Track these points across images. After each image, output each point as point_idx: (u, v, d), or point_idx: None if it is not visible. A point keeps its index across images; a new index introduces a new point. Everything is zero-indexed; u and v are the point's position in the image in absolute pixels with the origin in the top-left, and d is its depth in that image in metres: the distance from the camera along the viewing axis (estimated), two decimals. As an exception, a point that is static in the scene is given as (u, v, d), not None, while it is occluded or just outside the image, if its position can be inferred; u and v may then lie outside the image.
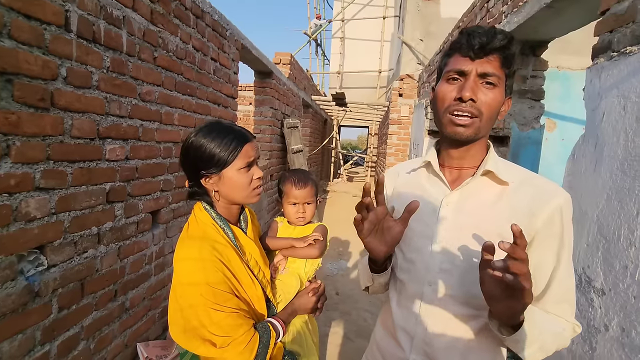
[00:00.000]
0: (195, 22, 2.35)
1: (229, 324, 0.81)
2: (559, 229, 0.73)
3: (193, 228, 0.90)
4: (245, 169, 0.91)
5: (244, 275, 0.90)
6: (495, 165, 0.77)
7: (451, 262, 0.77)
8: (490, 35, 0.71)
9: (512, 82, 0.78)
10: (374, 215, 0.73)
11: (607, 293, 1.28)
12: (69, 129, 1.40)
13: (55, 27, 1.31)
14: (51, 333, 1.37)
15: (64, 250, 1.42)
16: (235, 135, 0.90)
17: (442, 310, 0.78)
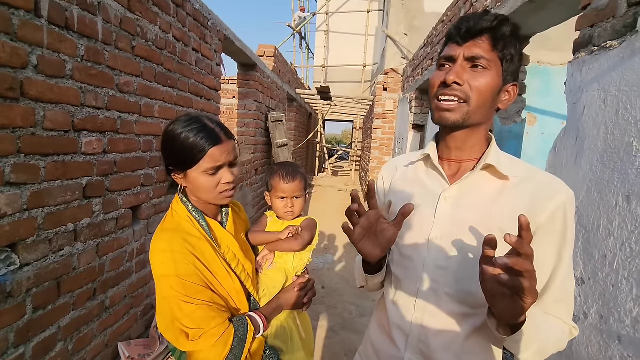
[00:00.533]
0: (175, 11, 2.27)
1: (200, 316, 0.81)
2: (561, 226, 0.70)
3: (168, 221, 0.90)
4: (211, 173, 0.87)
5: (220, 268, 0.89)
6: (496, 159, 0.74)
7: (447, 259, 0.75)
8: (479, 17, 0.69)
9: (513, 67, 0.73)
10: (366, 220, 0.71)
11: (586, 282, 1.32)
12: (42, 121, 1.33)
13: (24, 12, 1.23)
14: (26, 334, 1.31)
15: (38, 248, 1.35)
16: (205, 136, 0.85)
17: (437, 308, 0.76)
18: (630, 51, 1.20)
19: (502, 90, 0.74)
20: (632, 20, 1.21)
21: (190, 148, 0.84)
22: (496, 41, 0.69)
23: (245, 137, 4.43)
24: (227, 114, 8.62)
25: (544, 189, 0.71)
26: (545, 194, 0.71)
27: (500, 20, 0.69)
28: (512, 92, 0.76)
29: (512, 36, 0.70)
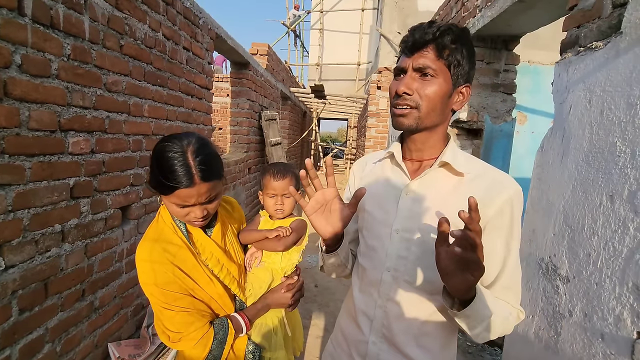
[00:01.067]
0: (165, 9, 2.25)
1: (179, 322, 0.86)
2: (508, 219, 0.77)
3: (151, 229, 0.92)
4: (179, 206, 0.86)
5: (201, 274, 0.92)
6: (452, 157, 0.80)
7: (408, 249, 0.81)
8: (423, 30, 0.75)
9: (462, 70, 0.78)
10: (322, 195, 0.77)
11: (571, 280, 1.33)
12: (26, 121, 1.31)
13: (6, 11, 1.21)
14: (11, 336, 1.30)
15: (24, 250, 1.34)
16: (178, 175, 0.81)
17: (399, 295, 0.83)
18: (614, 52, 1.21)
19: (455, 93, 0.80)
20: (616, 21, 1.22)
21: (163, 181, 0.82)
22: (440, 51, 0.74)
23: (238, 136, 4.41)
24: (221, 112, 8.58)
25: (494, 185, 0.78)
26: (495, 190, 0.77)
27: (442, 31, 0.74)
28: (466, 93, 0.81)
29: (456, 43, 0.75)
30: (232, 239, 1.08)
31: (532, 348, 1.55)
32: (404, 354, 0.83)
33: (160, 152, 0.83)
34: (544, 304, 1.50)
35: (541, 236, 1.56)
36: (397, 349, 0.83)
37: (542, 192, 1.59)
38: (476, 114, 2.71)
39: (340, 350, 0.97)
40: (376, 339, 0.86)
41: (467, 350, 2.75)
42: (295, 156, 9.45)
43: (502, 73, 2.70)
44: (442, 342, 0.84)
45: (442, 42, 0.74)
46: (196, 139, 0.87)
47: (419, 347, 0.82)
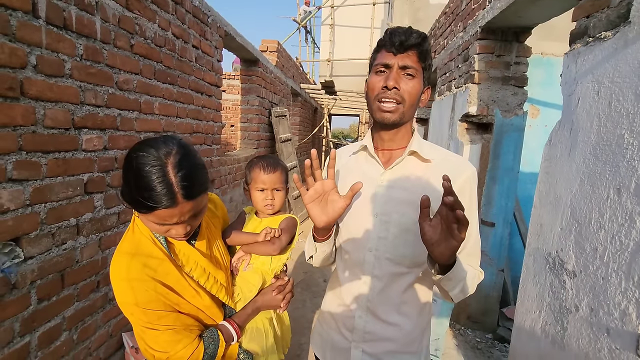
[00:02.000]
0: (174, 8, 2.29)
1: (165, 340, 0.80)
2: (468, 196, 0.89)
3: (127, 241, 0.82)
4: (157, 224, 0.77)
5: (186, 287, 0.85)
6: (419, 146, 0.92)
7: (386, 230, 0.91)
8: (408, 34, 0.84)
9: (428, 74, 0.91)
10: (321, 185, 0.86)
11: (578, 275, 1.32)
12: (42, 119, 1.37)
13: (22, 13, 1.26)
14: (31, 324, 1.37)
15: (41, 242, 1.40)
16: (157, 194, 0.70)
17: (380, 271, 0.92)
18: (623, 42, 1.18)
19: (423, 92, 0.91)
20: (625, 10, 1.19)
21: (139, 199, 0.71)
22: (421, 54, 0.85)
23: (249, 132, 4.46)
24: (232, 110, 8.66)
25: (455, 168, 0.90)
26: (456, 172, 0.88)
27: (423, 38, 0.85)
28: (427, 93, 0.93)
29: (429, 51, 0.87)
30: (218, 243, 1.02)
31: (539, 343, 1.54)
32: (387, 322, 0.94)
33: (136, 165, 0.71)
34: (550, 299, 1.48)
35: (548, 231, 1.54)
36: (380, 318, 0.94)
37: (549, 186, 1.57)
38: (486, 107, 2.67)
39: (327, 328, 1.05)
40: (362, 313, 0.95)
41: (477, 347, 2.74)
42: (306, 152, 9.47)
43: (512, 66, 2.65)
44: (420, 308, 0.96)
45: (423, 48, 0.85)
46: (177, 147, 0.75)
47: (400, 314, 0.93)
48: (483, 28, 2.57)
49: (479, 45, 2.63)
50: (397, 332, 0.94)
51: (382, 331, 0.94)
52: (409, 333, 0.94)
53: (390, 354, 0.95)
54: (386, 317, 0.93)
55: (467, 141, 2.84)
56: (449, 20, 3.58)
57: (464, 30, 3.03)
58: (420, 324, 0.97)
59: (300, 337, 2.60)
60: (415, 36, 0.84)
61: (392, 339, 0.94)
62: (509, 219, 2.77)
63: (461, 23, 3.19)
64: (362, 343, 0.96)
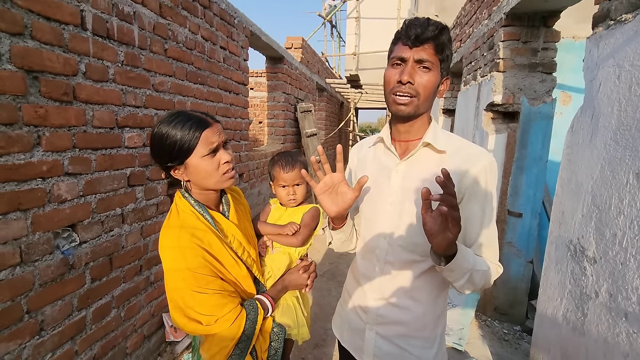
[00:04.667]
0: (203, 13, 2.44)
1: (213, 304, 0.87)
2: (483, 186, 0.88)
3: (173, 217, 0.92)
4: (209, 156, 0.90)
5: (227, 257, 0.93)
6: (433, 138, 0.92)
7: (400, 219, 0.94)
8: (424, 26, 0.83)
9: (447, 65, 0.90)
10: (330, 178, 0.91)
11: (598, 261, 1.31)
12: (91, 120, 1.55)
13: (72, 27, 1.43)
14: (86, 300, 1.56)
15: (93, 229, 1.59)
16: (193, 123, 0.88)
17: (393, 258, 0.96)
18: (643, 24, 1.16)
19: (440, 84, 0.91)
20: (646, -9, 1.16)
21: (184, 137, 0.87)
22: (438, 47, 0.85)
23: (275, 128, 4.60)
24: (260, 107, 8.88)
25: (470, 158, 0.90)
26: (471, 162, 0.89)
27: (440, 30, 0.84)
28: (446, 84, 0.93)
29: (448, 41, 0.86)
30: (246, 224, 1.11)
31: (560, 330, 1.54)
32: (398, 307, 0.97)
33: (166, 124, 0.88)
34: (572, 286, 1.48)
35: (570, 218, 1.53)
36: (392, 302, 0.97)
37: (571, 174, 1.55)
38: (512, 96, 2.62)
39: (347, 308, 1.11)
40: (375, 295, 1.00)
41: (504, 338, 2.72)
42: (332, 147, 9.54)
43: (540, 52, 2.57)
44: (434, 296, 0.97)
45: (440, 40, 0.84)
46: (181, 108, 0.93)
47: (412, 299, 0.96)
48: (508, 14, 2.51)
49: (504, 32, 2.58)
50: (408, 315, 0.96)
51: (394, 314, 0.97)
52: (420, 317, 0.96)
53: (402, 337, 0.97)
54: (398, 301, 0.96)
55: (493, 131, 2.80)
56: (474, 7, 3.50)
57: (488, 18, 2.96)
58: (433, 310, 0.97)
59: (325, 323, 2.70)
60: (431, 29, 0.83)
61: (403, 322, 0.96)
62: (537, 209, 2.71)
63: (486, 10, 3.12)
64: (375, 325, 1.00)
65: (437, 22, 0.85)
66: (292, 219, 1.28)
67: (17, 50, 1.21)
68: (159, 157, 0.91)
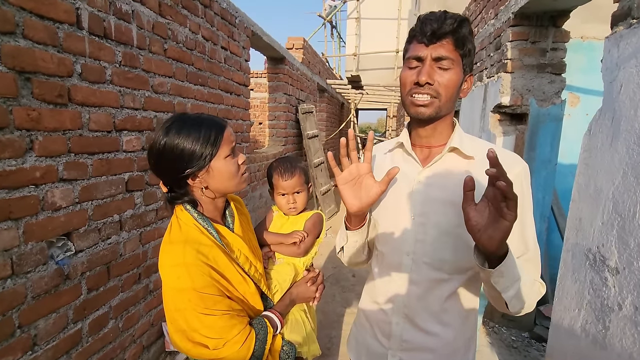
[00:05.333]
0: (203, 12, 2.37)
1: (221, 326, 0.80)
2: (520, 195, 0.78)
3: (175, 232, 0.85)
4: (231, 156, 0.88)
5: (234, 273, 0.87)
6: (460, 142, 0.84)
7: (425, 232, 0.85)
8: (441, 21, 0.76)
9: (469, 60, 0.82)
10: (356, 168, 0.82)
11: (621, 272, 1.25)
12: (87, 123, 1.48)
13: (67, 26, 1.36)
14: (82, 312, 1.49)
15: (89, 237, 1.52)
16: (212, 124, 0.86)
17: (418, 276, 0.86)
18: (671, 22, 1.10)
19: (463, 82, 0.83)
20: (674, -13, 1.10)
21: (207, 138, 0.83)
22: (457, 42, 0.77)
23: (276, 130, 4.54)
24: (260, 107, 8.82)
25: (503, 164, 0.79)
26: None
27: (459, 22, 0.76)
28: (470, 82, 0.85)
29: (469, 34, 0.78)
30: (250, 236, 1.04)
31: (579, 342, 1.47)
32: (426, 332, 0.87)
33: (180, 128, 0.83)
34: (591, 296, 1.42)
35: (588, 225, 1.46)
36: (419, 327, 0.88)
37: (589, 179, 1.49)
38: (520, 97, 2.56)
39: (363, 331, 1.01)
40: (399, 320, 0.90)
41: (512, 345, 2.65)
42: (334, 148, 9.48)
43: (549, 52, 2.51)
44: (463, 317, 0.88)
45: (460, 34, 0.76)
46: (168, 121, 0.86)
47: (440, 323, 0.87)
48: (516, 14, 2.45)
49: (512, 32, 2.51)
50: (437, 342, 0.87)
51: (421, 340, 0.88)
52: (450, 343, 0.88)
53: None
54: (425, 326, 0.87)
55: (500, 133, 2.74)
56: (480, 7, 3.44)
57: (495, 17, 2.90)
58: (464, 333, 0.89)
59: (330, 330, 2.63)
60: (449, 22, 0.75)
61: (432, 349, 0.88)
62: (546, 213, 2.65)
63: (492, 10, 3.06)
64: (399, 352, 0.91)
65: (456, 14, 0.78)
66: (294, 227, 1.22)
67: (8, 49, 1.14)
68: (172, 168, 0.83)
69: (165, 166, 0.84)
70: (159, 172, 0.86)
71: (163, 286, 0.82)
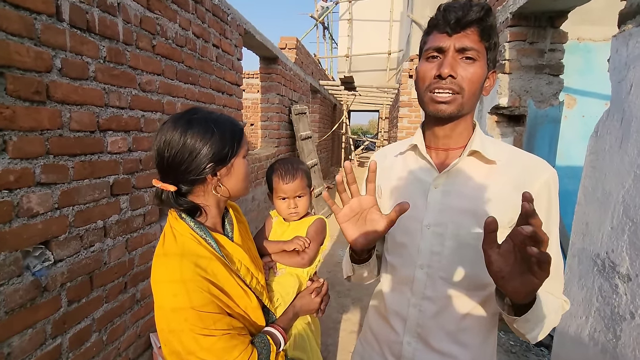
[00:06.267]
0: (194, 7, 2.28)
1: (221, 348, 0.73)
2: (546, 203, 0.73)
3: (170, 243, 0.78)
4: (246, 157, 0.86)
5: (235, 287, 0.80)
6: (481, 145, 0.77)
7: (442, 244, 0.77)
8: (466, 8, 0.69)
9: (494, 55, 0.74)
10: (358, 202, 0.73)
11: (633, 279, 1.20)
12: (68, 122, 1.38)
13: (46, 17, 1.26)
14: (62, 326, 1.38)
15: (70, 245, 1.41)
16: (234, 123, 0.84)
17: (434, 293, 0.79)
18: (686, 19, 1.06)
19: (486, 78, 0.76)
20: (689, -17, 1.06)
21: (233, 133, 0.80)
22: (484, 32, 0.71)
23: (269, 131, 4.45)
24: (252, 108, 8.72)
25: (528, 170, 0.75)
26: (530, 174, 0.74)
27: (487, 10, 0.70)
28: (492, 79, 0.78)
29: (495, 25, 0.72)
30: (250, 245, 0.98)
31: (586, 350, 1.42)
32: (441, 353, 0.80)
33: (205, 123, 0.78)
34: (599, 304, 1.37)
35: (596, 230, 1.42)
36: (434, 348, 0.81)
37: (597, 182, 1.44)
38: (518, 98, 2.53)
39: (370, 350, 0.94)
40: (411, 339, 0.83)
41: (511, 350, 2.61)
42: (326, 149, 9.42)
43: (547, 53, 2.48)
44: (482, 337, 0.81)
45: (486, 23, 0.70)
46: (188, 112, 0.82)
47: (457, 343, 0.79)
48: (514, 14, 2.42)
49: (509, 32, 2.48)
50: None
51: None
52: None
53: None
54: (440, 347, 0.80)
55: (498, 134, 2.70)
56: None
57: (492, 18, 2.87)
58: (483, 354, 0.82)
59: (326, 338, 2.55)
60: (476, 9, 0.69)
61: None
62: (544, 216, 2.62)
63: (489, 10, 3.03)
64: None
65: (482, 2, 0.71)
66: (296, 234, 1.13)
67: (-23, 41, 1.04)
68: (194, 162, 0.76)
69: (185, 160, 0.76)
70: (174, 167, 0.77)
71: (155, 303, 0.73)
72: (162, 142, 0.77)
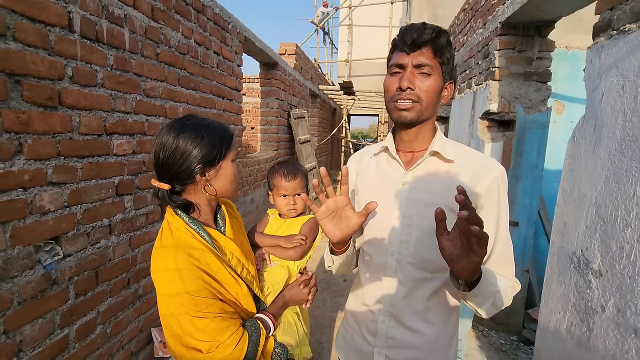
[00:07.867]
0: (196, 17, 2.38)
1: (214, 329, 0.81)
2: (496, 197, 0.85)
3: (166, 236, 0.86)
4: (235, 161, 0.93)
5: (226, 276, 0.88)
6: (441, 146, 0.89)
7: (409, 234, 0.89)
8: (420, 30, 0.81)
9: (449, 68, 0.88)
10: (334, 202, 0.84)
11: (604, 274, 1.28)
12: (77, 126, 1.47)
13: (59, 29, 1.36)
14: (69, 318, 1.47)
15: (78, 241, 1.50)
16: (224, 129, 0.92)
17: (403, 276, 0.90)
18: (648, 34, 1.15)
19: (443, 88, 0.88)
20: (650, 1, 1.15)
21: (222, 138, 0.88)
22: (436, 50, 0.82)
23: (268, 135, 4.54)
24: (252, 112, 8.82)
25: (481, 168, 0.87)
26: (482, 172, 0.86)
27: (438, 32, 0.82)
28: (450, 89, 0.90)
29: (447, 44, 0.84)
30: (242, 239, 1.05)
31: (564, 344, 1.50)
32: (410, 329, 0.91)
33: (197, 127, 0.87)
34: (575, 299, 1.45)
35: (572, 229, 1.50)
36: (404, 324, 0.92)
37: (573, 184, 1.53)
38: (507, 104, 2.62)
39: (351, 331, 1.04)
40: (384, 318, 0.94)
41: (501, 348, 2.68)
42: (325, 153, 9.52)
43: (535, 61, 2.58)
44: (446, 315, 0.92)
45: (438, 43, 0.82)
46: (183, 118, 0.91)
47: (424, 321, 0.91)
48: (503, 23, 2.52)
49: (499, 41, 2.58)
50: (421, 340, 0.91)
51: (406, 338, 0.92)
52: (433, 340, 0.92)
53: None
54: (410, 324, 0.91)
55: (488, 139, 2.79)
56: (468, 16, 3.52)
57: (483, 27, 2.98)
58: (446, 331, 0.93)
59: (320, 335, 2.63)
60: (428, 32, 0.81)
61: (416, 346, 0.91)
62: (533, 218, 2.70)
63: (481, 19, 3.14)
64: (384, 349, 0.94)
65: (434, 25, 0.83)
66: (291, 230, 1.23)
67: (-2, 52, 1.13)
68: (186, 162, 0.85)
69: (177, 161, 0.85)
70: (167, 167, 0.86)
71: (157, 291, 0.82)
72: (158, 144, 0.87)
